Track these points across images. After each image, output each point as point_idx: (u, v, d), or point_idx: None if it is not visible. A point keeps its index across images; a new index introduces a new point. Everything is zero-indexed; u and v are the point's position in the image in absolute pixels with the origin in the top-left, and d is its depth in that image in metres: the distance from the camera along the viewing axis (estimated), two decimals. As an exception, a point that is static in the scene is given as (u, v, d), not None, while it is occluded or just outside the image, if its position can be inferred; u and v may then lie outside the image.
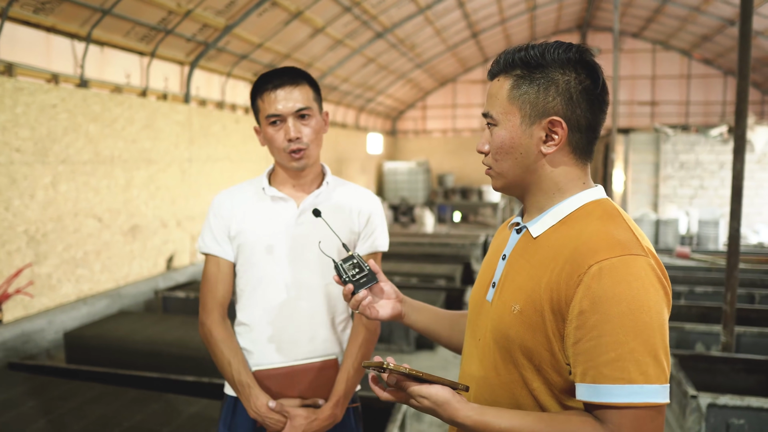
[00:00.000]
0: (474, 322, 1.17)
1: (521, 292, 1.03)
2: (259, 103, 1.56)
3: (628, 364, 0.89)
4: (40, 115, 4.83)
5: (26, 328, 4.61)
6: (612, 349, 0.90)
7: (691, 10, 11.79)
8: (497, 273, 1.13)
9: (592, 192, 1.08)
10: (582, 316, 0.93)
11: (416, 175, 15.29)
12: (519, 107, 1.05)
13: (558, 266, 0.98)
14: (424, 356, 4.96)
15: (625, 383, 0.89)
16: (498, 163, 1.09)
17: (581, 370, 0.93)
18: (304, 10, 7.70)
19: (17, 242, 4.66)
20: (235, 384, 1.53)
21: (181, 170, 6.80)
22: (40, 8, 4.87)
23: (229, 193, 1.65)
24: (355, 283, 1.25)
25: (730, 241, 3.98)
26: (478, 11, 11.74)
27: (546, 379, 1.00)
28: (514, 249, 1.11)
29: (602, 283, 0.92)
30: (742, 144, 3.99)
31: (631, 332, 0.90)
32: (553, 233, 1.05)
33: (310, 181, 1.64)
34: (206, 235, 1.63)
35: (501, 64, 1.08)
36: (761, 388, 3.80)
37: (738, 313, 4.99)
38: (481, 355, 1.11)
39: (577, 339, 0.94)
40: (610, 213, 1.04)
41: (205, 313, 1.60)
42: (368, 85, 12.80)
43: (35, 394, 3.14)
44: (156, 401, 3.03)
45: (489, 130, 1.10)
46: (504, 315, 1.05)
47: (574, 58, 1.03)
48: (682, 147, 11.40)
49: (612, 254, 0.94)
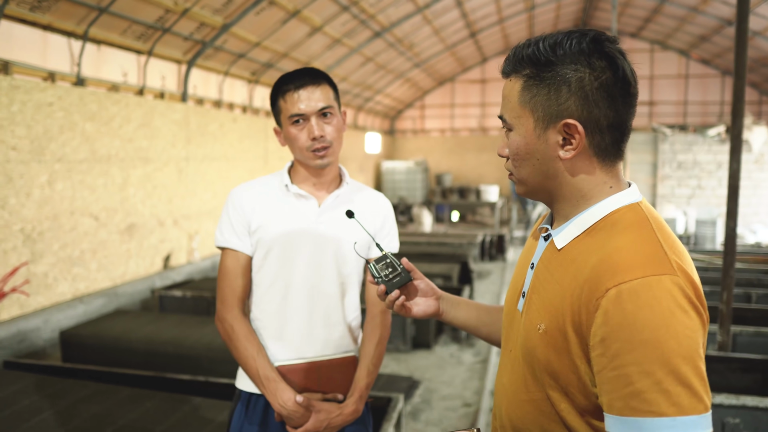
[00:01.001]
0: (507, 330, 1.11)
1: (546, 310, 0.96)
2: (281, 104, 1.58)
3: (657, 396, 0.81)
4: (36, 114, 4.82)
5: (22, 327, 4.61)
6: (637, 380, 0.82)
7: (689, 10, 11.80)
8: (526, 282, 1.06)
9: (622, 196, 0.97)
10: (603, 344, 0.85)
11: (414, 175, 15.29)
12: (531, 110, 0.96)
13: (578, 286, 0.90)
14: (420, 355, 4.96)
15: (655, 416, 0.81)
16: (518, 169, 1.02)
17: (607, 400, 0.86)
18: (301, 8, 7.69)
19: (13, 241, 4.66)
20: (260, 379, 1.54)
21: (178, 169, 6.79)
22: (36, 6, 4.86)
23: (248, 187, 1.66)
24: (387, 284, 1.25)
25: (726, 240, 3.98)
26: (476, 11, 11.75)
27: (573, 401, 0.93)
28: (541, 259, 1.03)
29: (622, 308, 0.83)
30: (739, 144, 3.98)
31: (657, 362, 0.81)
32: (577, 245, 0.96)
33: (330, 180, 1.67)
34: (225, 229, 1.63)
35: (512, 62, 0.98)
36: (757, 387, 3.80)
37: (734, 313, 5.00)
38: (511, 367, 1.06)
39: (601, 367, 0.86)
40: (638, 222, 0.93)
41: (225, 308, 1.60)
42: (366, 84, 12.80)
43: (29, 392, 3.13)
44: (150, 399, 3.03)
45: (506, 134, 1.02)
46: (530, 333, 0.98)
47: (588, 49, 0.91)
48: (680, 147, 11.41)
49: (633, 276, 0.84)
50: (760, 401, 3.18)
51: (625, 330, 0.82)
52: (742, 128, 3.96)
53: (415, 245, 8.87)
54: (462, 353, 5.08)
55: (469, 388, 4.28)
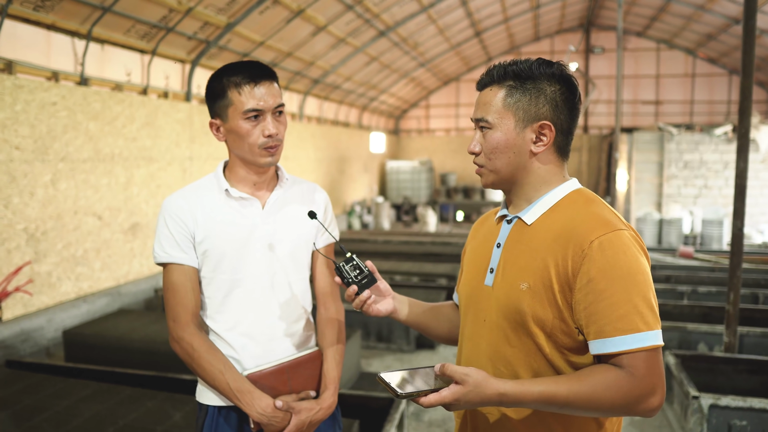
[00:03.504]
0: (474, 307, 1.31)
1: (527, 271, 1.19)
2: (232, 96, 1.49)
3: (635, 317, 1.09)
4: (40, 113, 4.83)
5: (25, 326, 4.61)
6: (620, 306, 1.09)
7: (695, 9, 11.72)
8: (494, 259, 1.28)
9: (571, 183, 1.28)
10: (591, 284, 1.11)
11: (419, 174, 15.26)
12: (513, 112, 1.23)
13: (560, 245, 1.16)
14: (424, 355, 4.94)
15: (634, 333, 1.09)
16: (492, 161, 1.26)
17: (596, 328, 1.11)
18: (305, 8, 7.68)
19: (17, 240, 4.66)
20: (232, 392, 1.48)
21: (182, 168, 6.79)
22: (40, 6, 4.86)
23: (182, 196, 1.57)
24: (358, 284, 1.35)
25: (733, 240, 3.94)
26: (480, 10, 11.70)
27: (556, 343, 1.17)
28: (509, 237, 1.28)
29: (604, 254, 1.11)
30: (746, 143, 3.94)
31: (633, 291, 1.10)
32: (545, 219, 1.23)
33: (269, 178, 1.63)
34: (166, 243, 1.53)
35: (494, 76, 1.25)
36: (764, 389, 3.75)
37: (741, 314, 4.95)
38: (488, 333, 1.26)
39: (588, 303, 1.12)
40: (591, 199, 1.24)
41: (180, 327, 1.51)
42: (371, 83, 12.78)
43: (31, 391, 3.13)
44: (152, 399, 3.02)
45: (482, 133, 1.26)
46: (511, 293, 1.21)
47: (557, 72, 1.23)
48: (686, 146, 11.33)
49: (606, 230, 1.14)
50: (767, 403, 3.14)
51: (608, 270, 1.11)
52: (749, 127, 3.92)
53: (419, 245, 8.85)
54: (466, 353, 5.06)
55: (472, 389, 4.26)
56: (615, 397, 1.08)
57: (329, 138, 11.97)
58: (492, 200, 14.32)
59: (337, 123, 12.73)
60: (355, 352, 4.33)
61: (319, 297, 1.72)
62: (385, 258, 7.87)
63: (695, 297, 5.92)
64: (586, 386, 1.08)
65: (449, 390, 1.06)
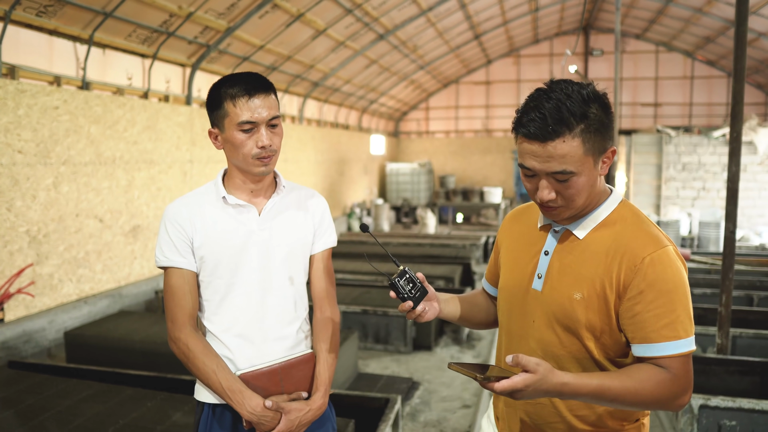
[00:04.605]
0: (521, 307, 1.41)
1: (580, 282, 1.31)
2: (228, 107, 1.55)
3: (677, 326, 1.24)
4: (42, 117, 4.89)
5: (27, 328, 4.67)
6: (666, 316, 1.23)
7: (693, 12, 11.78)
8: (541, 266, 1.38)
9: (615, 196, 1.37)
10: (641, 295, 1.24)
11: (419, 176, 15.31)
12: (591, 155, 1.26)
13: (612, 260, 1.28)
14: (420, 357, 4.99)
15: (675, 339, 1.24)
16: (574, 202, 1.30)
17: (642, 334, 1.25)
18: (305, 12, 7.74)
19: (19, 242, 4.72)
20: (224, 391, 1.55)
21: (182, 171, 6.86)
22: (42, 11, 4.93)
23: (183, 203, 1.64)
24: (413, 299, 1.36)
25: (725, 243, 3.99)
26: (480, 12, 11.76)
27: (603, 344, 1.31)
28: (558, 247, 1.37)
29: (654, 269, 1.24)
30: (738, 146, 3.99)
31: (677, 303, 1.24)
32: (596, 233, 1.33)
33: (267, 185, 1.68)
34: (166, 248, 1.61)
35: (556, 125, 1.21)
36: (755, 390, 3.80)
37: (735, 315, 5.00)
38: (538, 334, 1.37)
39: (637, 312, 1.25)
40: (638, 214, 1.36)
41: (177, 328, 1.59)
42: (371, 86, 12.84)
43: (33, 392, 3.19)
44: (151, 399, 3.08)
45: (560, 182, 1.27)
46: (565, 302, 1.32)
47: (592, 94, 1.25)
48: (685, 148, 11.38)
49: (656, 248, 1.26)
50: (756, 404, 3.19)
51: (657, 284, 1.24)
52: (741, 131, 3.97)
53: (419, 247, 8.90)
54: (462, 355, 5.11)
55: (468, 390, 4.31)
56: (657, 393, 1.22)
57: (329, 140, 12.04)
58: (491, 202, 14.36)
59: (337, 125, 12.79)
60: (353, 353, 4.39)
61: (316, 300, 1.77)
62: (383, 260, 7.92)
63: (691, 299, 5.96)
64: (634, 382, 1.22)
65: (521, 377, 1.14)
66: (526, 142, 1.25)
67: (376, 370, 4.69)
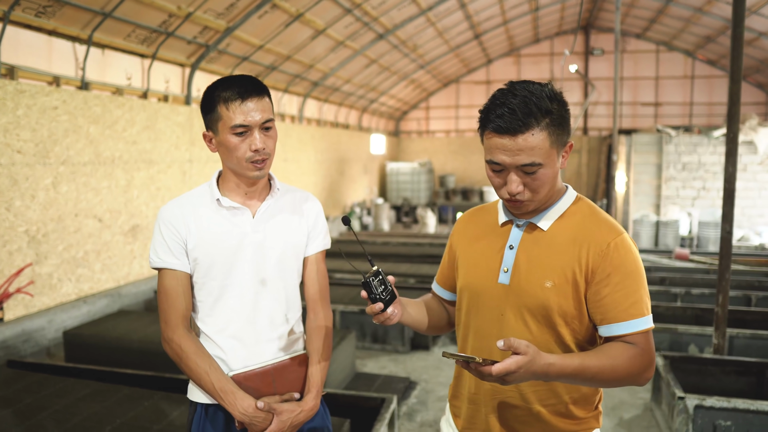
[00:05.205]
0: (487, 303, 1.45)
1: (550, 270, 1.37)
2: (221, 111, 1.55)
3: (641, 305, 1.34)
4: (41, 117, 4.91)
5: (27, 327, 4.69)
6: (631, 296, 1.33)
7: (694, 11, 11.77)
8: (507, 260, 1.43)
9: (571, 191, 1.47)
10: (609, 278, 1.33)
11: (419, 176, 15.32)
12: (556, 147, 1.34)
13: (580, 247, 1.36)
14: (418, 356, 5.01)
15: (641, 317, 1.33)
16: (539, 194, 1.36)
17: (612, 314, 1.33)
18: (304, 11, 7.75)
19: (18, 242, 4.74)
20: (216, 392, 1.56)
21: (181, 171, 6.87)
22: (41, 12, 4.95)
23: (178, 204, 1.64)
24: (384, 301, 1.37)
25: (722, 243, 4.00)
26: (480, 12, 11.77)
27: (572, 329, 1.38)
28: (523, 240, 1.43)
29: (619, 253, 1.34)
30: (735, 147, 4.00)
31: (639, 284, 1.35)
32: (558, 225, 1.41)
33: (261, 188, 1.68)
34: (160, 249, 1.61)
35: (524, 118, 1.28)
36: (751, 390, 3.81)
37: (733, 315, 5.00)
38: (507, 327, 1.41)
39: (605, 294, 1.34)
40: (592, 206, 1.45)
41: (170, 329, 1.60)
42: (371, 86, 12.85)
43: (31, 391, 3.20)
44: (149, 399, 3.09)
45: (528, 174, 1.33)
46: (537, 291, 1.37)
47: (550, 91, 1.33)
48: (685, 148, 11.37)
49: (617, 234, 1.37)
50: (751, 404, 3.20)
51: (622, 267, 1.34)
52: (737, 132, 3.98)
53: (418, 246, 8.91)
54: (460, 354, 5.12)
55: (465, 389, 4.32)
56: (629, 367, 1.30)
57: (329, 140, 12.05)
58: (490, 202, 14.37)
59: (337, 125, 12.81)
60: (350, 352, 4.40)
61: (309, 302, 1.77)
62: (383, 259, 7.93)
63: (689, 299, 5.98)
64: (610, 359, 1.30)
65: (513, 359, 1.17)
66: (497, 136, 1.31)
67: (374, 369, 4.70)
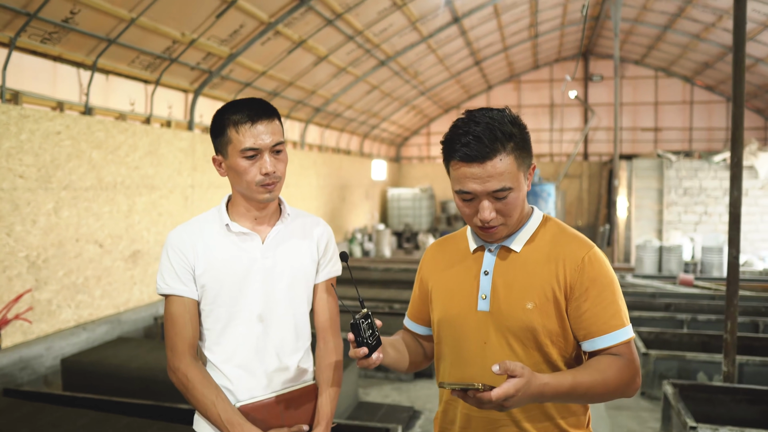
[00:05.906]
0: (468, 332, 1.41)
1: (529, 292, 1.36)
2: (231, 134, 1.53)
3: (620, 315, 1.34)
4: (44, 142, 4.91)
5: (24, 354, 4.62)
6: (610, 307, 1.33)
7: (691, 38, 11.90)
8: (483, 286, 1.41)
9: (538, 211, 1.47)
10: (587, 292, 1.33)
11: (420, 201, 15.32)
12: (522, 170, 1.35)
13: (556, 264, 1.36)
14: (422, 385, 4.92)
15: (622, 327, 1.33)
16: (510, 218, 1.36)
17: (595, 328, 1.33)
18: (306, 38, 7.83)
19: (18, 267, 4.70)
20: (223, 423, 1.50)
21: (183, 196, 6.86)
22: (47, 38, 4.99)
23: (186, 230, 1.61)
24: (369, 346, 1.32)
25: (729, 269, 3.96)
26: (480, 39, 11.90)
27: (558, 347, 1.37)
28: (497, 265, 1.41)
29: (594, 266, 1.35)
30: (739, 171, 3.99)
31: (616, 295, 1.35)
32: (529, 246, 1.41)
33: (271, 213, 1.65)
34: (168, 275, 1.57)
35: (491, 145, 1.29)
36: (764, 419, 3.73)
37: (741, 342, 4.93)
38: (492, 354, 1.38)
39: (586, 309, 1.33)
40: (560, 224, 1.46)
41: (176, 358, 1.55)
42: (372, 111, 12.93)
43: (28, 420, 3.13)
44: (148, 428, 3.02)
45: (499, 200, 1.33)
46: (519, 314, 1.35)
47: (512, 117, 1.35)
48: (686, 173, 11.39)
49: (589, 248, 1.38)
50: (765, 434, 3.13)
51: (599, 280, 1.35)
52: (741, 156, 3.97)
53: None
54: (465, 382, 5.03)
55: (470, 418, 4.23)
56: (619, 379, 1.30)
57: (331, 166, 12.07)
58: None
59: (339, 151, 12.85)
60: (353, 381, 4.32)
61: (319, 331, 1.72)
62: (384, 286, 7.87)
63: (695, 325, 5.90)
64: (600, 373, 1.29)
65: (511, 382, 1.15)
66: (465, 165, 1.31)
67: (377, 398, 4.61)
